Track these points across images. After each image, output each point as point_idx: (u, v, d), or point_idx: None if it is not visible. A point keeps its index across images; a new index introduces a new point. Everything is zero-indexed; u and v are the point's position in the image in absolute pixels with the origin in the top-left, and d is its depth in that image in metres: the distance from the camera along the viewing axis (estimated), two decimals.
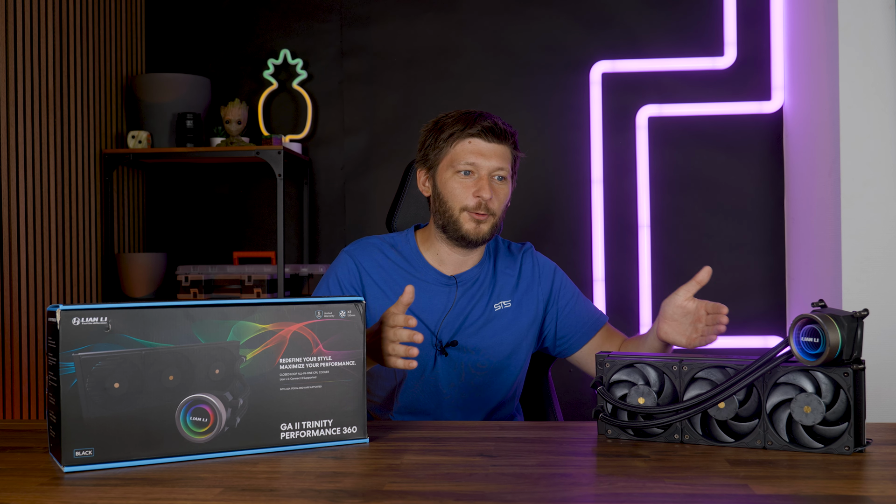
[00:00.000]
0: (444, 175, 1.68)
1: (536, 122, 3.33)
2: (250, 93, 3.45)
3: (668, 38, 3.28)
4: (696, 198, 3.27)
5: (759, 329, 3.22)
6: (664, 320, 1.56)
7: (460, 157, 1.66)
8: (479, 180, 1.65)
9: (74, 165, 2.99)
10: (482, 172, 1.65)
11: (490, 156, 1.66)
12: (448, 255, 1.72)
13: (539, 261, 1.80)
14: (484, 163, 1.65)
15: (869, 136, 2.50)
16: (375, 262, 1.73)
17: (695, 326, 1.53)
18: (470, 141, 1.66)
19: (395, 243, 1.76)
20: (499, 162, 1.66)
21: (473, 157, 1.65)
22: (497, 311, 1.72)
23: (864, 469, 1.14)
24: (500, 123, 1.68)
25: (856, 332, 1.20)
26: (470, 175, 1.66)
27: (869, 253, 2.47)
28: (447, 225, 1.67)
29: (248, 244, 3.46)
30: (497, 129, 1.66)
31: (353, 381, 1.30)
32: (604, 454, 1.24)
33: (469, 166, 1.65)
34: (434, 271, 1.72)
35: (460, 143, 1.67)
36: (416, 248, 1.74)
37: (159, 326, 1.18)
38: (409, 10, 3.40)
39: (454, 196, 1.66)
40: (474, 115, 1.68)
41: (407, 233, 1.79)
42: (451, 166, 1.67)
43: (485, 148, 1.66)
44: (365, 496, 1.03)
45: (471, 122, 1.67)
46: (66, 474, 1.13)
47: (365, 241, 1.77)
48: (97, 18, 3.14)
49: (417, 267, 1.73)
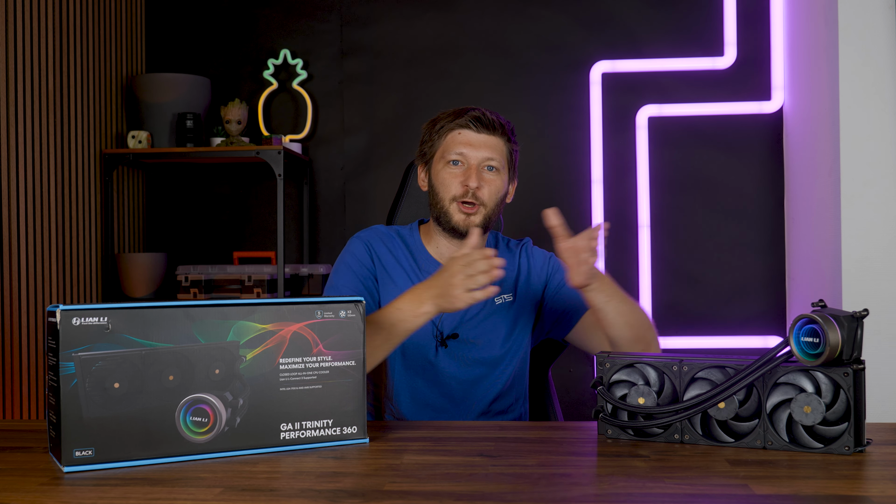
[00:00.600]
0: (437, 167, 1.72)
1: (536, 122, 3.33)
2: (250, 93, 3.45)
3: (668, 38, 3.28)
4: (696, 198, 3.27)
5: (759, 329, 3.22)
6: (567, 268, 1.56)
7: (450, 147, 1.69)
8: (467, 170, 1.67)
9: (74, 165, 2.99)
10: (471, 162, 1.67)
11: (479, 146, 1.68)
12: (447, 248, 1.74)
13: (536, 253, 1.83)
14: (472, 153, 1.68)
15: (869, 136, 2.50)
16: (385, 248, 1.76)
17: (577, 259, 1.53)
18: (459, 132, 1.69)
19: (401, 234, 1.80)
20: (488, 152, 1.68)
21: (462, 148, 1.68)
22: (498, 304, 1.74)
23: (864, 469, 1.14)
24: (490, 114, 1.70)
25: (856, 332, 1.20)
26: (459, 165, 1.68)
27: (869, 253, 2.47)
28: (440, 216, 1.70)
29: (248, 244, 3.46)
30: (486, 119, 1.68)
31: (353, 381, 1.30)
32: (604, 454, 1.24)
33: (458, 156, 1.68)
34: (436, 263, 1.74)
35: (450, 134, 1.70)
36: (419, 242, 1.77)
37: (159, 326, 1.18)
38: (409, 10, 3.40)
39: (444, 186, 1.69)
40: (467, 109, 1.71)
41: (412, 226, 1.82)
42: (443, 157, 1.70)
43: (473, 138, 1.68)
44: (365, 496, 1.03)
45: (461, 114, 1.70)
46: (66, 474, 1.13)
47: (375, 229, 1.80)
48: (97, 18, 3.14)
49: (420, 260, 1.75)
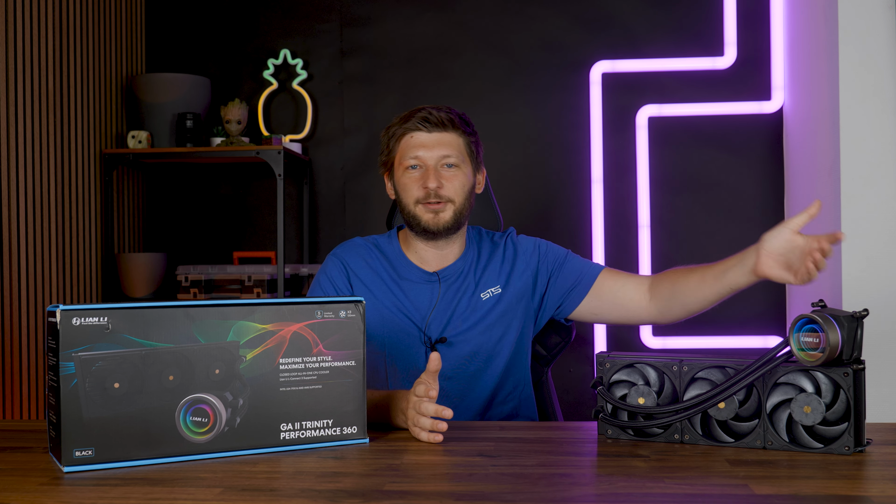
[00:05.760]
0: (398, 173, 1.72)
1: (536, 122, 3.33)
2: (250, 93, 3.45)
3: (668, 38, 3.28)
4: (696, 198, 3.27)
5: (759, 329, 3.22)
6: (768, 255, 1.44)
7: (405, 152, 1.70)
8: (425, 172, 1.68)
9: (74, 165, 2.99)
10: (428, 163, 1.68)
11: (432, 146, 1.68)
12: (425, 251, 1.74)
13: (522, 240, 1.81)
14: (427, 153, 1.68)
15: (869, 136, 2.50)
16: (362, 262, 1.75)
17: (803, 261, 1.40)
18: (411, 135, 1.70)
19: (378, 244, 1.79)
20: (443, 150, 1.68)
21: (416, 150, 1.68)
22: (485, 300, 1.73)
23: (864, 469, 1.14)
24: (437, 112, 1.69)
25: (856, 332, 1.20)
26: (418, 168, 1.69)
27: (869, 253, 2.47)
28: (410, 221, 1.70)
29: (248, 244, 3.47)
30: (434, 118, 1.68)
31: (353, 381, 1.30)
32: (604, 454, 1.24)
33: (414, 160, 1.69)
34: (417, 269, 1.73)
35: (403, 139, 1.70)
36: (398, 248, 1.77)
37: (159, 326, 1.18)
38: (409, 10, 3.40)
39: (406, 191, 1.70)
40: (415, 111, 1.71)
41: (390, 233, 1.82)
42: (401, 164, 1.71)
43: (426, 139, 1.69)
44: (365, 496, 1.03)
45: (409, 117, 1.70)
46: (66, 474, 1.13)
47: (350, 243, 1.80)
48: (97, 18, 3.14)
49: (400, 266, 1.75)
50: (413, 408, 1.35)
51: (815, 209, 1.40)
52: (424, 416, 1.33)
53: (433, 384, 1.35)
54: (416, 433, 1.33)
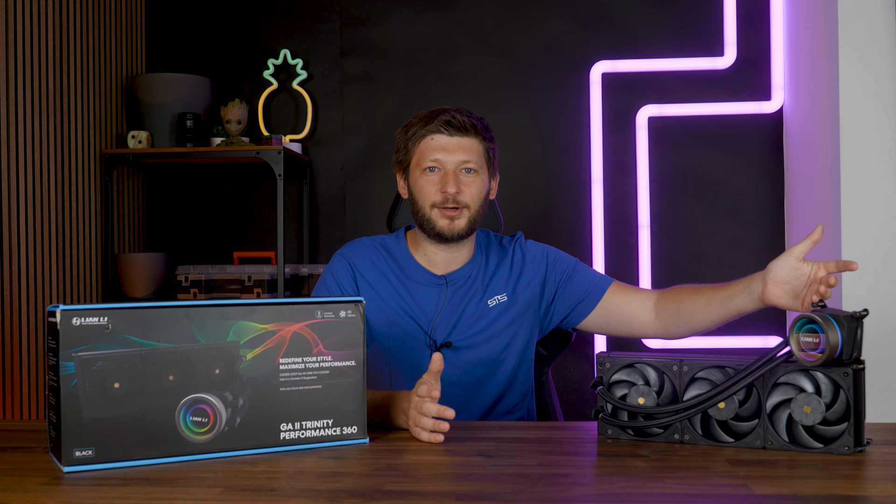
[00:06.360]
0: (415, 174, 1.70)
1: (536, 122, 3.33)
2: (250, 93, 3.45)
3: (668, 38, 3.28)
4: (696, 198, 3.27)
5: (759, 329, 3.22)
6: (774, 283, 1.45)
7: (425, 154, 1.68)
8: (444, 176, 1.66)
9: (74, 165, 2.99)
10: (448, 167, 1.67)
11: (453, 150, 1.67)
12: (435, 254, 1.73)
13: (530, 246, 1.80)
14: (447, 157, 1.67)
15: (869, 136, 2.50)
16: (369, 263, 1.74)
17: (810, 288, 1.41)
18: (432, 138, 1.68)
19: (385, 244, 1.78)
20: (464, 155, 1.67)
21: (436, 154, 1.67)
22: (492, 306, 1.72)
23: (864, 469, 1.14)
24: (461, 116, 1.68)
25: (856, 332, 1.20)
26: (436, 171, 1.68)
27: (869, 253, 2.47)
28: (423, 224, 1.69)
29: (248, 244, 3.46)
30: (457, 122, 1.67)
31: (353, 381, 1.30)
32: (604, 454, 1.24)
33: (434, 163, 1.67)
34: (424, 271, 1.72)
35: (423, 140, 1.69)
36: (406, 249, 1.76)
37: (159, 326, 1.18)
38: (409, 10, 3.40)
39: (423, 194, 1.68)
40: (437, 112, 1.69)
41: (398, 234, 1.80)
42: (419, 165, 1.69)
43: (447, 143, 1.67)
44: (365, 496, 1.03)
45: (431, 118, 1.69)
46: (66, 474, 1.13)
47: (357, 243, 1.78)
48: (97, 18, 3.14)
49: (407, 268, 1.73)
50: (415, 408, 1.35)
51: (818, 234, 1.41)
52: (426, 417, 1.33)
53: (435, 385, 1.35)
54: (417, 433, 1.33)
